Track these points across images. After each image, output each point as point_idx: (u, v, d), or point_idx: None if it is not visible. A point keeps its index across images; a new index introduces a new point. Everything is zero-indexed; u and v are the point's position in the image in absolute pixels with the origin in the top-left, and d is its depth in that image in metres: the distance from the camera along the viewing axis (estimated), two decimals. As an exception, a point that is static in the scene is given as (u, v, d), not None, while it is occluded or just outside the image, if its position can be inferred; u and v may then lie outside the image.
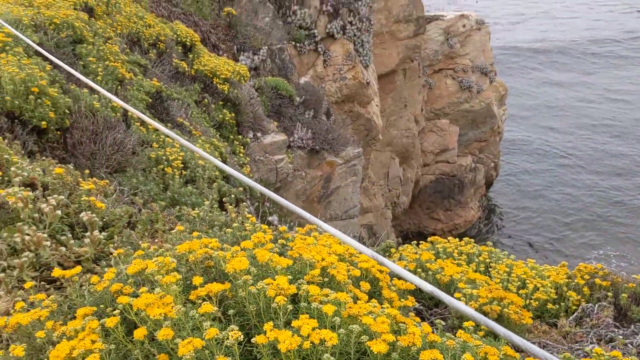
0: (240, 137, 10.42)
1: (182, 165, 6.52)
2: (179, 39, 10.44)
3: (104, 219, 3.05)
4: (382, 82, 21.20)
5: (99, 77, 6.88)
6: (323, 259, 2.06)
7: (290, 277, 1.86)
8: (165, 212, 3.35)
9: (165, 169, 6.27)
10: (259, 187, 3.05)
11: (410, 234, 27.20)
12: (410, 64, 23.36)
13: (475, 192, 28.13)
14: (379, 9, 20.55)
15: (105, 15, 9.05)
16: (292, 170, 11.99)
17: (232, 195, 6.67)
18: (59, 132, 5.34)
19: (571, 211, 27.00)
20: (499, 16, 47.40)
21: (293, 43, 14.33)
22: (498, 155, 29.66)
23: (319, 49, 14.80)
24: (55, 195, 2.84)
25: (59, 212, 2.69)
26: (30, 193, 2.85)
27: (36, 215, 2.75)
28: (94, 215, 2.75)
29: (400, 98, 23.59)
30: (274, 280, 1.81)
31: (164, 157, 6.40)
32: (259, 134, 11.14)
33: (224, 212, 3.56)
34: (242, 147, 10.21)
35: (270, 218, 8.29)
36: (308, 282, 1.90)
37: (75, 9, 8.04)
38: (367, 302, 1.98)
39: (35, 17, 6.82)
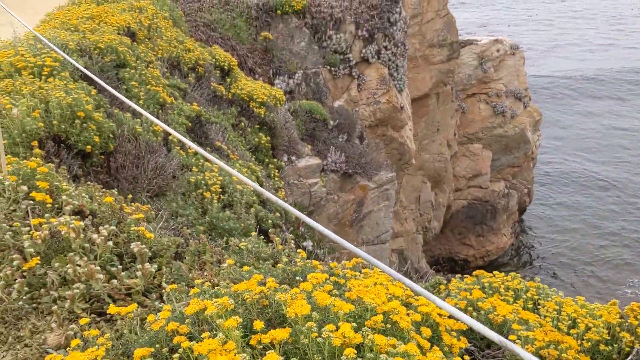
0: (275, 160, 10.43)
1: (221, 189, 6.53)
2: (217, 63, 10.56)
3: (152, 249, 3.02)
4: (415, 106, 21.13)
5: (141, 101, 6.97)
6: (383, 302, 1.98)
7: (354, 324, 1.78)
8: (213, 244, 3.32)
9: (204, 193, 6.28)
10: (297, 212, 3.00)
11: (442, 259, 26.81)
12: (444, 88, 23.26)
13: (508, 219, 27.62)
14: (413, 33, 20.57)
15: (146, 40, 9.22)
16: (325, 194, 11.94)
17: (270, 221, 6.64)
18: (102, 156, 5.40)
19: (607, 237, 26.29)
20: (531, 42, 46.93)
21: (328, 67, 14.39)
22: (531, 181, 29.14)
23: (354, 73, 14.83)
24: (106, 226, 2.83)
25: (110, 243, 2.67)
26: (81, 222, 2.84)
27: (87, 245, 2.74)
28: (144, 246, 2.72)
29: (433, 122, 23.45)
30: (336, 326, 1.74)
31: (202, 182, 6.42)
32: (293, 158, 11.14)
33: (270, 244, 3.51)
34: (276, 170, 10.21)
35: (304, 243, 8.23)
36: (371, 329, 1.82)
37: (118, 33, 8.21)
38: (429, 349, 1.89)
39: (81, 42, 6.97)
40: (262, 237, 6.62)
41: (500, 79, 27.20)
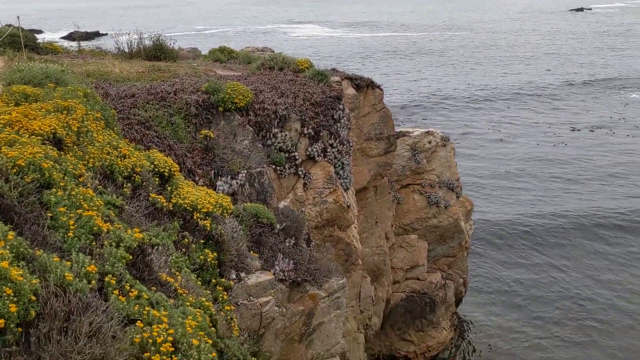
0: (222, 280, 9.08)
1: (172, 348, 5.15)
2: (157, 169, 9.31)
3: None
4: (354, 200, 20.51)
5: (70, 233, 5.59)
6: None
7: None
8: None
9: (153, 357, 4.88)
10: None
11: (382, 357, 25.56)
12: (381, 180, 22.91)
13: (447, 311, 27.01)
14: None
15: (75, 147, 7.90)
16: (278, 313, 10.61)
17: (236, 386, 5.29)
18: (19, 329, 3.97)
19: (547, 324, 26.12)
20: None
21: (273, 166, 13.44)
22: (466, 271, 28.96)
23: (300, 172, 13.95)
24: None
25: None
26: None
27: None
28: None
29: (371, 215, 22.85)
30: None
31: (150, 340, 5.03)
32: (242, 274, 9.83)
33: None
34: (225, 292, 8.84)
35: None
36: None
37: (43, 143, 6.87)
38: None
39: (-4, 160, 5.59)
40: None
41: (432, 170, 27.39)
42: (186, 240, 8.68)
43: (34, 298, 4.11)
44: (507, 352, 24.85)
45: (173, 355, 5.13)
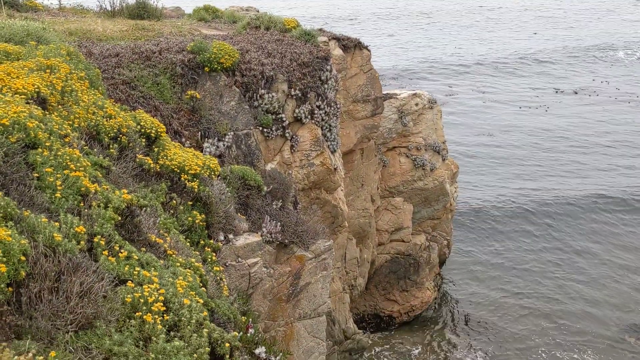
0: (211, 241, 9.11)
1: (164, 307, 5.19)
2: (143, 130, 9.19)
3: None
4: (341, 163, 20.51)
5: (57, 194, 5.53)
6: None
7: None
8: None
9: (144, 316, 4.92)
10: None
11: (367, 316, 26.04)
12: (368, 143, 22.89)
13: (430, 272, 27.47)
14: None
15: (60, 106, 7.75)
16: (266, 274, 10.71)
17: (227, 344, 5.36)
18: (10, 288, 3.96)
19: (526, 289, 26.72)
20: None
21: (260, 128, 13.34)
22: (450, 233, 29.34)
23: (287, 134, 13.87)
24: None
25: None
26: None
27: None
28: None
29: (357, 177, 22.93)
30: None
31: (141, 300, 5.05)
32: (230, 236, 9.86)
33: None
34: (214, 253, 8.88)
35: (257, 351, 6.97)
36: None
37: (27, 102, 6.72)
38: None
39: (-21, 119, 5.48)
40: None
41: (419, 132, 27.40)
42: (174, 201, 8.65)
43: (23, 258, 4.09)
44: (487, 320, 25.39)
45: (165, 315, 5.17)
